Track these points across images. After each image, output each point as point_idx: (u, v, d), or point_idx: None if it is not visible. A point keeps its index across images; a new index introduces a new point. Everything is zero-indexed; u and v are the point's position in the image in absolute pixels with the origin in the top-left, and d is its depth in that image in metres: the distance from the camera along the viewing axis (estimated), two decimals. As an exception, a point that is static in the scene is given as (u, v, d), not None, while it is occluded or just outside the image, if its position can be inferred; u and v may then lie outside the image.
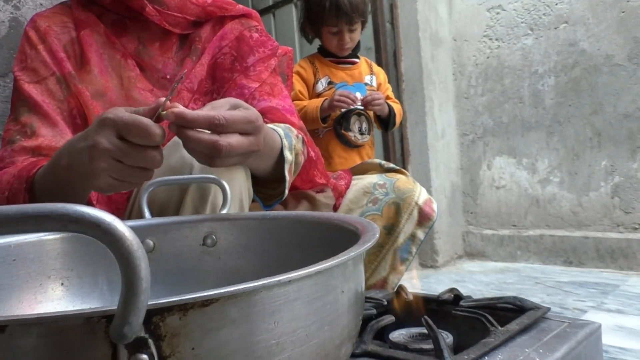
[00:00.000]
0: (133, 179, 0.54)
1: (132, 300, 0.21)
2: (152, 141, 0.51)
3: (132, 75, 0.89)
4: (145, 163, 0.53)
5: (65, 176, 0.60)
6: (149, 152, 0.52)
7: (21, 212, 0.20)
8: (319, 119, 1.48)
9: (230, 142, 0.54)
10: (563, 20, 2.04)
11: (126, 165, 0.53)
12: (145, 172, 0.54)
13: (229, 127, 0.53)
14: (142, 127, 0.51)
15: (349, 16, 1.48)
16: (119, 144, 0.52)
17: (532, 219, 2.18)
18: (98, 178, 0.55)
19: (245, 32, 0.97)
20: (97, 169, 0.53)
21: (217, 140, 0.53)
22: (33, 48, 0.85)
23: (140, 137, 0.51)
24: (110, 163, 0.53)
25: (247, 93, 0.92)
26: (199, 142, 0.53)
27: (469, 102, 2.34)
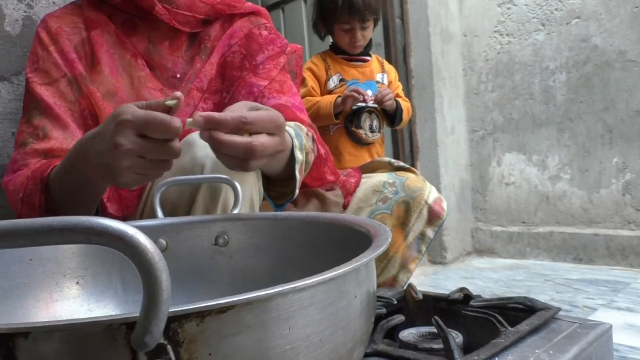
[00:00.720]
0: (156, 171, 0.57)
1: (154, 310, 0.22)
2: (172, 134, 0.52)
3: (142, 75, 0.89)
4: (167, 155, 0.54)
5: (85, 175, 0.61)
6: (169, 144, 0.54)
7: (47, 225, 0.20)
8: (332, 115, 1.48)
9: (262, 142, 0.55)
10: (575, 16, 2.02)
11: (149, 160, 0.55)
12: (166, 163, 0.56)
13: (256, 125, 0.54)
14: (162, 122, 0.52)
15: (361, 13, 1.48)
16: (140, 142, 0.53)
17: (542, 215, 2.17)
18: (123, 175, 0.56)
19: (254, 30, 0.97)
20: (123, 168, 0.55)
21: (251, 142, 0.54)
22: (45, 49, 0.86)
23: (160, 132, 0.52)
24: (134, 161, 0.54)
25: (256, 91, 0.92)
26: (233, 145, 0.54)
27: (479, 98, 2.32)
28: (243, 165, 0.55)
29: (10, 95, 1.01)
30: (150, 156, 0.54)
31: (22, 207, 0.72)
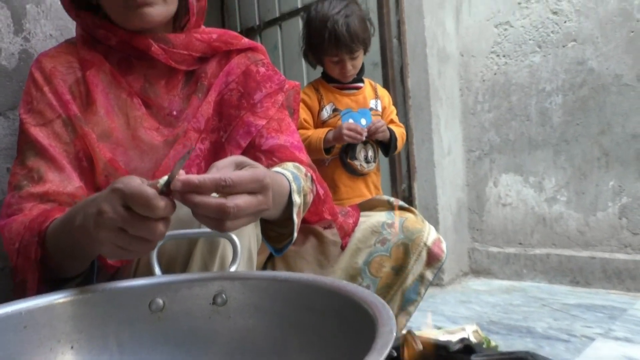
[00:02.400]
0: (137, 248, 0.54)
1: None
2: (154, 213, 0.51)
3: (138, 115, 0.88)
4: (147, 234, 0.52)
5: (78, 236, 0.60)
6: (151, 223, 0.52)
7: None
8: (322, 150, 1.47)
9: (237, 204, 0.53)
10: (571, 39, 2.03)
11: (130, 235, 0.53)
12: (148, 243, 0.54)
13: (236, 187, 0.53)
14: (147, 198, 0.50)
15: (348, 46, 1.46)
16: (123, 214, 0.52)
17: (539, 237, 2.17)
18: (102, 245, 0.55)
19: (251, 67, 0.96)
20: (101, 236, 0.53)
21: (224, 203, 0.53)
22: (39, 90, 0.85)
23: (143, 208, 0.51)
24: (114, 232, 0.53)
25: (254, 131, 0.91)
26: (206, 206, 0.53)
27: (475, 118, 2.33)
28: (219, 225, 0.54)
29: (5, 131, 1.00)
30: (132, 231, 0.52)
31: (17, 257, 0.71)
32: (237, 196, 0.54)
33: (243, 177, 0.54)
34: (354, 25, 1.46)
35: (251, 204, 0.55)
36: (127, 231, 0.52)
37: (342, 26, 1.44)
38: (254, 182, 0.55)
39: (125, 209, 0.52)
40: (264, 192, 0.57)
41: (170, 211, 0.52)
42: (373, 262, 0.96)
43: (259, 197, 0.56)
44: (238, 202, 0.53)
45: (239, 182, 0.53)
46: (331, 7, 1.49)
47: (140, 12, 0.85)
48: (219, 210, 0.53)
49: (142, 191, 0.51)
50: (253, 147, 0.91)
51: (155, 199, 0.51)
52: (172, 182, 0.52)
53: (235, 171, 0.56)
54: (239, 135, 0.91)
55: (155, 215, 0.51)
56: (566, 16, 2.03)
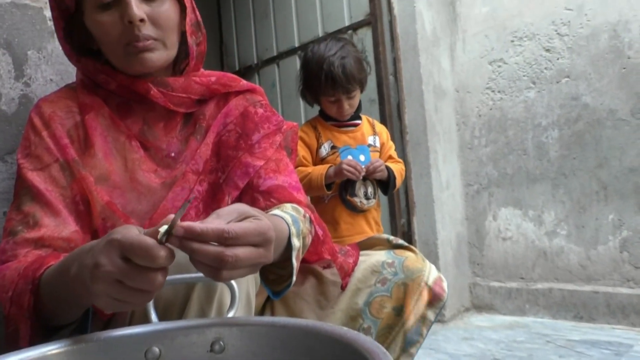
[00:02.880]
0: (133, 300, 0.53)
1: None
2: (154, 263, 0.50)
3: (136, 157, 0.89)
4: (146, 285, 0.51)
5: (73, 286, 0.59)
6: (150, 274, 0.51)
7: None
8: (323, 187, 1.46)
9: (236, 254, 0.52)
10: (565, 75, 2.06)
11: (127, 287, 0.52)
12: (146, 294, 0.53)
13: (239, 239, 0.52)
14: (145, 249, 0.50)
15: (345, 87, 1.48)
16: (121, 265, 0.51)
17: (540, 271, 2.15)
18: (99, 298, 0.53)
19: (250, 108, 0.97)
20: (97, 290, 0.52)
21: (223, 252, 0.52)
22: (37, 135, 0.85)
23: (143, 258, 0.50)
24: (111, 284, 0.52)
25: (252, 171, 0.91)
26: (204, 254, 0.52)
27: (472, 152, 2.34)
28: (215, 274, 0.53)
29: (3, 175, 1.00)
30: (129, 283, 0.51)
31: (10, 306, 0.69)
32: (237, 247, 0.53)
33: (247, 229, 0.53)
34: (349, 66, 1.48)
35: (251, 256, 0.54)
36: (125, 283, 0.51)
37: (338, 67, 1.46)
38: (257, 235, 0.54)
39: (123, 261, 0.51)
40: (266, 246, 0.56)
41: (170, 261, 0.51)
42: (374, 302, 0.94)
43: (260, 250, 0.56)
44: (237, 253, 0.52)
45: (242, 235, 0.52)
46: (327, 48, 1.51)
47: (141, 58, 0.86)
48: (217, 259, 0.52)
49: (142, 241, 0.50)
50: (251, 188, 0.91)
51: (155, 248, 0.50)
52: (174, 228, 0.51)
53: (239, 222, 0.55)
54: (236, 176, 0.91)
55: (155, 265, 0.50)
56: (559, 53, 2.07)
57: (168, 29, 0.88)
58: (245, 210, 0.58)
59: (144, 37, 0.85)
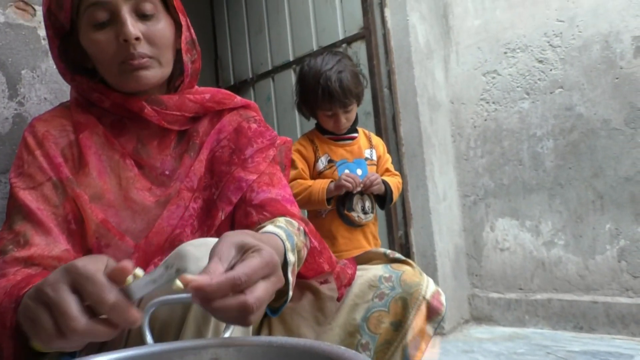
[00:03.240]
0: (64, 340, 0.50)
1: None
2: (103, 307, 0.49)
3: (130, 176, 0.88)
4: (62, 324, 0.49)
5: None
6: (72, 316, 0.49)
7: None
8: (324, 201, 1.46)
9: (258, 297, 0.51)
10: (558, 85, 2.08)
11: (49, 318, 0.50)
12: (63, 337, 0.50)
13: (252, 280, 0.51)
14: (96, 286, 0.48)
15: (342, 101, 1.48)
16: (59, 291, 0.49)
17: (539, 282, 2.14)
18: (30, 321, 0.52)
19: (243, 124, 0.97)
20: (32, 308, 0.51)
21: (245, 301, 0.51)
22: (30, 154, 0.85)
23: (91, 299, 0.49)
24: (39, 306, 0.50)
25: (245, 186, 0.91)
26: (227, 309, 0.50)
27: (468, 163, 2.35)
28: (243, 321, 0.52)
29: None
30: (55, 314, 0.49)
31: None
32: (254, 288, 0.52)
33: (255, 267, 0.52)
34: (346, 81, 1.48)
35: (268, 290, 0.53)
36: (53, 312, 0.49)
37: (335, 82, 1.46)
38: (265, 268, 0.53)
39: (68, 289, 0.50)
40: (276, 272, 0.55)
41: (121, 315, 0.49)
42: (371, 317, 0.93)
43: (272, 279, 0.55)
44: (258, 295, 0.51)
45: (252, 274, 0.51)
46: (324, 62, 1.51)
47: (136, 75, 0.86)
48: (241, 309, 0.51)
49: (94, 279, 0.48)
50: (244, 202, 0.90)
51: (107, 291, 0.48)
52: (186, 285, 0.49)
53: (244, 262, 0.54)
54: (229, 191, 0.91)
55: (104, 311, 0.48)
56: (551, 64, 2.09)
57: (163, 47, 0.89)
58: (241, 241, 0.57)
59: (139, 55, 0.85)
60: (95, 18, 0.84)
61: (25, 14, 1.06)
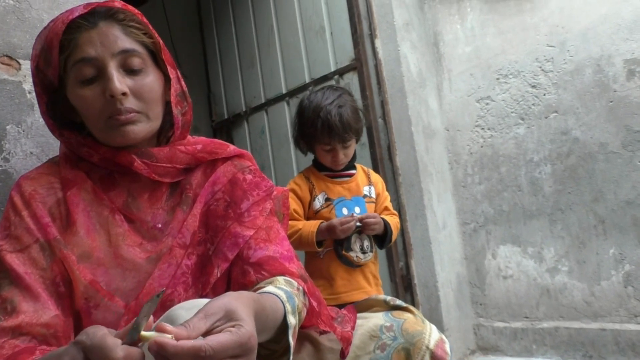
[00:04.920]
0: None
1: None
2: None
3: (119, 232, 0.86)
4: None
5: None
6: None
7: None
8: (314, 244, 1.42)
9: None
10: (553, 110, 2.07)
11: None
12: None
13: (217, 356, 0.50)
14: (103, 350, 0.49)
15: (341, 136, 1.46)
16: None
17: (545, 309, 2.09)
18: None
19: (238, 175, 0.95)
20: None
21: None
22: (17, 214, 0.83)
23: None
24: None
25: (241, 242, 0.88)
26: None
27: (467, 190, 2.32)
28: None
29: (-18, 255, 0.96)
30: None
31: None
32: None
33: (225, 343, 0.51)
34: (347, 116, 1.47)
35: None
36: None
37: (335, 116, 1.45)
38: (237, 347, 0.52)
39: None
40: (247, 355, 0.54)
41: None
42: (375, 371, 0.90)
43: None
44: None
45: (220, 350, 0.50)
46: (324, 97, 1.50)
47: (123, 130, 0.84)
48: None
49: (102, 343, 0.49)
50: (241, 259, 0.88)
51: (113, 350, 0.49)
52: (148, 342, 0.48)
53: (217, 336, 0.53)
54: (226, 247, 0.88)
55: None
56: (545, 89, 2.08)
57: (151, 101, 0.87)
58: (233, 309, 0.56)
59: (126, 110, 0.84)
60: (82, 74, 0.83)
61: (10, 68, 1.05)
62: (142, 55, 0.86)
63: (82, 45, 0.82)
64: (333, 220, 1.43)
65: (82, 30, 0.82)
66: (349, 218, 1.42)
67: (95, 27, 0.83)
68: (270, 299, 0.71)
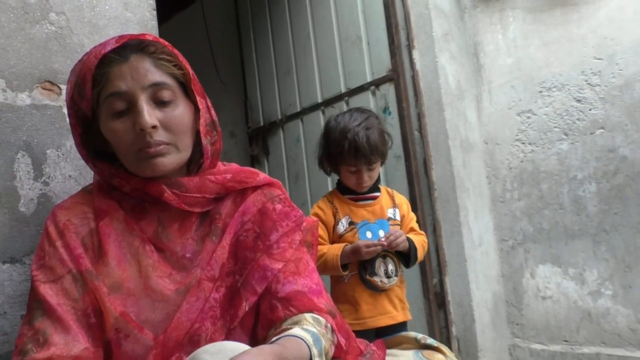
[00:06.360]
0: None
1: None
2: None
3: (149, 263, 0.87)
4: None
5: None
6: None
7: None
8: (339, 268, 1.41)
9: None
10: (599, 126, 1.98)
11: None
12: None
13: None
14: None
15: (367, 158, 1.45)
16: None
17: (586, 334, 2.01)
18: None
19: (268, 205, 0.94)
20: None
21: None
22: (51, 245, 0.85)
23: None
24: None
25: (270, 275, 0.88)
26: None
27: (505, 206, 2.25)
28: None
29: (21, 277, 0.99)
30: None
31: None
32: None
33: None
34: (374, 138, 1.46)
35: None
36: None
37: (362, 138, 1.44)
38: None
39: None
40: None
41: None
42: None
43: None
44: None
45: None
46: (352, 119, 1.50)
47: (153, 163, 0.85)
48: None
49: None
50: (269, 293, 0.87)
51: None
52: None
53: None
54: (254, 280, 0.88)
55: None
56: (591, 104, 1.99)
57: (180, 133, 0.88)
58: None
59: (156, 142, 0.84)
60: (114, 107, 0.84)
61: (51, 93, 1.08)
62: (172, 87, 0.87)
63: (113, 80, 0.83)
64: (358, 242, 1.42)
65: (114, 64, 0.83)
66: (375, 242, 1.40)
67: (127, 60, 0.84)
68: (296, 345, 0.70)
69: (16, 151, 1.01)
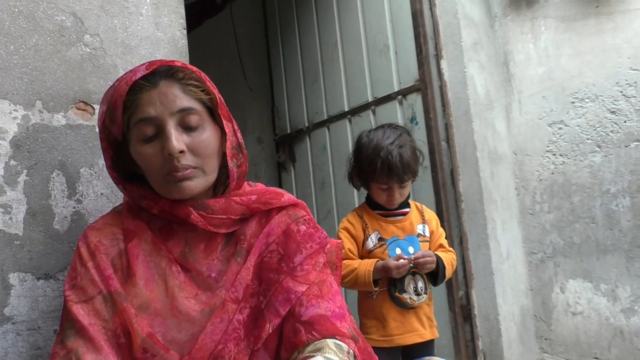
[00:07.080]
0: None
1: None
2: None
3: (176, 284, 0.89)
4: None
5: None
6: None
7: None
8: (371, 284, 1.40)
9: None
10: (634, 139, 1.92)
11: None
12: None
13: None
14: None
15: (400, 176, 1.44)
16: None
17: (618, 353, 1.95)
18: None
19: (292, 226, 0.95)
20: None
21: None
22: (83, 265, 0.88)
23: None
24: None
25: (294, 298, 0.89)
26: None
27: (534, 218, 2.21)
28: None
29: (54, 293, 1.03)
30: None
31: None
32: None
33: None
34: (407, 156, 1.45)
35: None
36: None
37: (395, 156, 1.43)
38: None
39: None
40: None
41: None
42: None
43: None
44: None
45: None
46: (385, 136, 1.49)
47: (180, 186, 0.87)
48: None
49: None
50: (292, 316, 0.88)
51: None
52: None
53: None
54: (278, 302, 0.89)
55: None
56: (625, 116, 1.94)
57: (207, 157, 0.89)
58: None
59: (183, 167, 0.86)
60: (143, 133, 0.87)
61: (85, 113, 1.11)
62: (200, 112, 0.89)
63: (143, 106, 0.85)
64: (388, 261, 1.41)
65: (144, 91, 0.86)
66: (404, 262, 1.39)
67: (156, 87, 0.86)
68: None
69: (51, 170, 1.05)
